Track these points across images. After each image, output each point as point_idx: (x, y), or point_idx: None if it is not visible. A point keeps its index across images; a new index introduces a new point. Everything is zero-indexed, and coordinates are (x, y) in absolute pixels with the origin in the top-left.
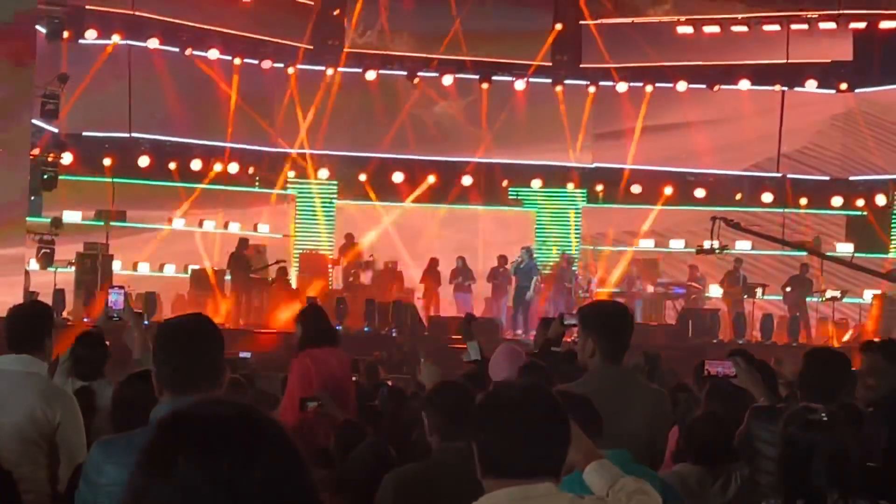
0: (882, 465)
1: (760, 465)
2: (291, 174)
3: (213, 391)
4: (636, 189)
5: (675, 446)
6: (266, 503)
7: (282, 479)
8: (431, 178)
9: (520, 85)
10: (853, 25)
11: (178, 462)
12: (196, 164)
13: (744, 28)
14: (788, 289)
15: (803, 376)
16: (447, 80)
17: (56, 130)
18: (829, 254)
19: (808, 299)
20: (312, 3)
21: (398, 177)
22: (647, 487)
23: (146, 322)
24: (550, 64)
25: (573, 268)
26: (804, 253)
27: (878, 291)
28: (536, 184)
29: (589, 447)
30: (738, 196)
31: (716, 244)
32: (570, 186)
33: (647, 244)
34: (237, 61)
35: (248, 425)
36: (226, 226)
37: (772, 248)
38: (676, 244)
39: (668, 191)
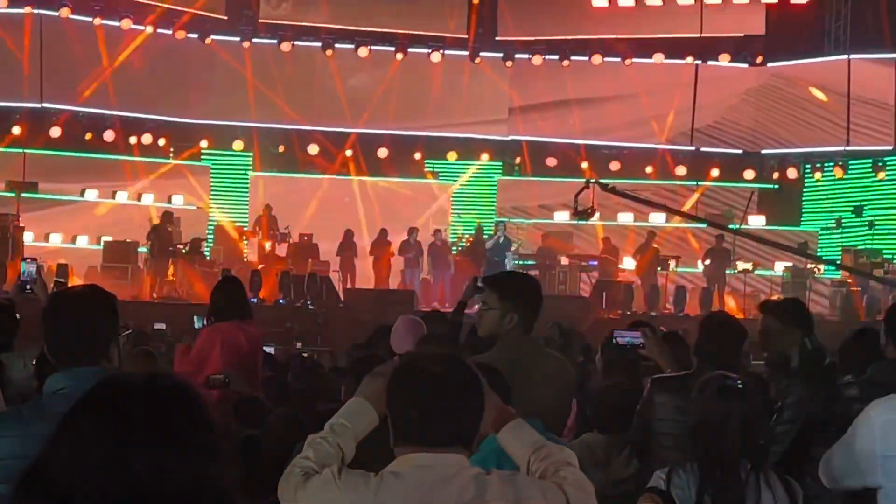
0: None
1: (659, 438)
2: (205, 145)
3: (102, 363)
4: (551, 162)
5: (573, 418)
6: (181, 481)
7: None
8: (348, 152)
9: (435, 57)
10: None
11: (88, 428)
12: (109, 135)
13: (658, 2)
14: (708, 261)
15: (699, 344)
16: (362, 51)
17: None
18: (730, 226)
19: (726, 272)
20: None
21: (313, 149)
22: (572, 458)
23: None
24: (466, 37)
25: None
26: (704, 224)
27: (790, 264)
28: (452, 156)
29: (503, 408)
30: (650, 169)
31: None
32: (485, 158)
33: (562, 217)
34: (149, 30)
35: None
36: (139, 197)
37: (685, 221)
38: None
39: (584, 164)
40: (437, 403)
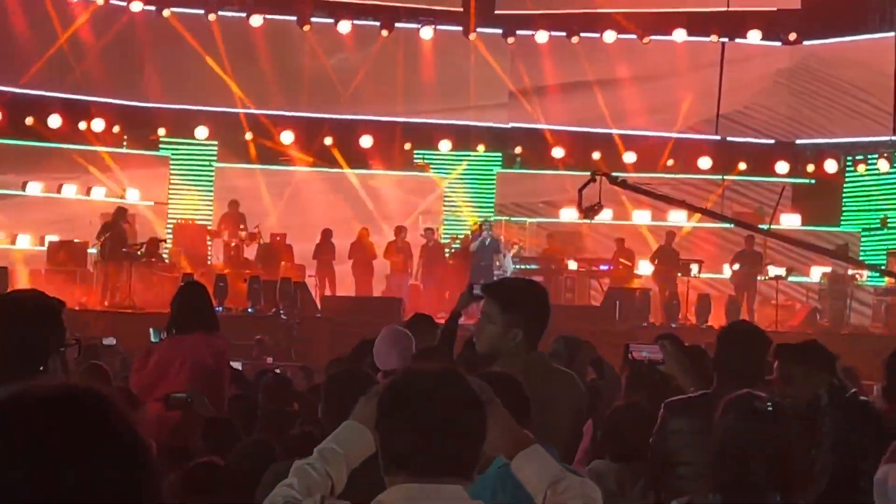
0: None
1: (677, 468)
2: (164, 132)
3: (38, 378)
4: (558, 153)
5: (588, 442)
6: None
7: (112, 473)
8: (327, 140)
9: (426, 33)
10: None
11: None
12: (55, 121)
13: None
14: (737, 266)
15: (719, 358)
16: (344, 26)
17: None
18: (761, 226)
19: (757, 279)
20: None
21: (287, 137)
22: (595, 493)
23: None
24: (461, 10)
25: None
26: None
27: (828, 269)
28: (445, 146)
29: (517, 431)
30: (672, 162)
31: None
32: (482, 149)
33: (569, 215)
34: (101, 2)
35: (76, 409)
36: (88, 191)
37: (710, 220)
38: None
39: (596, 155)
40: (430, 426)
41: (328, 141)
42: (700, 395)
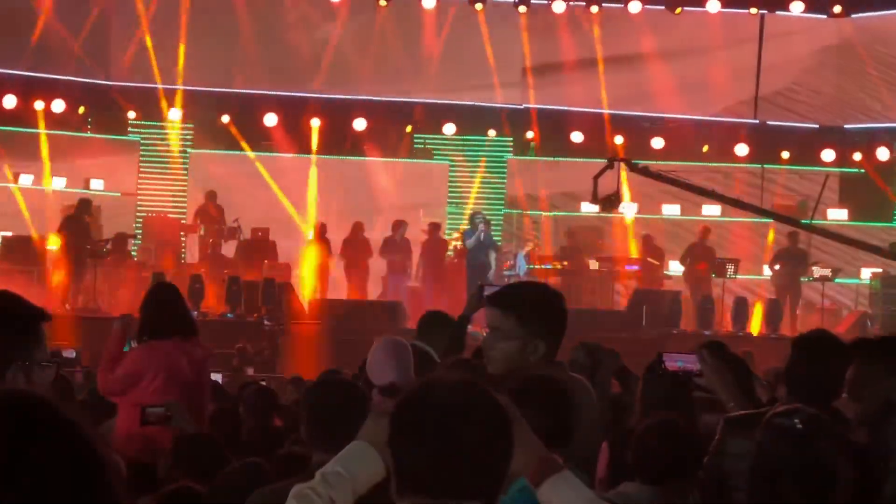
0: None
1: (734, 496)
2: (133, 115)
3: None
4: (577, 137)
5: (606, 462)
6: None
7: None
8: (315, 122)
9: (429, 2)
10: None
11: None
12: (10, 101)
13: None
14: (778, 266)
15: (788, 370)
16: None
17: None
18: (803, 221)
19: (800, 280)
20: None
21: (271, 119)
22: None
23: None
24: None
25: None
26: (769, 220)
27: (879, 270)
28: (449, 129)
29: (544, 453)
30: (706, 148)
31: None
32: (493, 133)
33: (590, 208)
34: None
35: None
36: (48, 181)
37: (747, 215)
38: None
39: (619, 140)
40: (450, 444)
41: (316, 123)
42: (763, 413)
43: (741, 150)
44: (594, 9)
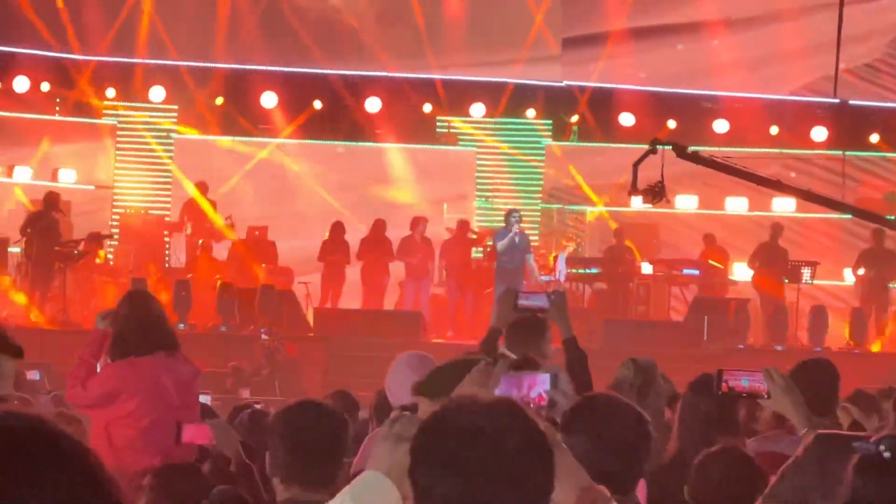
0: None
1: None
2: (111, 94)
3: None
4: (627, 120)
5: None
6: None
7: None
8: (318, 103)
9: None
10: None
11: None
12: None
13: None
14: (862, 270)
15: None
16: None
17: None
18: (889, 217)
19: (888, 286)
20: None
21: (270, 99)
22: None
23: None
24: None
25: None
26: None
27: None
28: (478, 110)
29: (588, 484)
30: (777, 131)
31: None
32: (532, 114)
33: (642, 204)
34: None
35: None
36: (10, 171)
37: (822, 210)
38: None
39: (672, 124)
40: (480, 474)
41: (319, 104)
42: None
43: (819, 133)
44: None
